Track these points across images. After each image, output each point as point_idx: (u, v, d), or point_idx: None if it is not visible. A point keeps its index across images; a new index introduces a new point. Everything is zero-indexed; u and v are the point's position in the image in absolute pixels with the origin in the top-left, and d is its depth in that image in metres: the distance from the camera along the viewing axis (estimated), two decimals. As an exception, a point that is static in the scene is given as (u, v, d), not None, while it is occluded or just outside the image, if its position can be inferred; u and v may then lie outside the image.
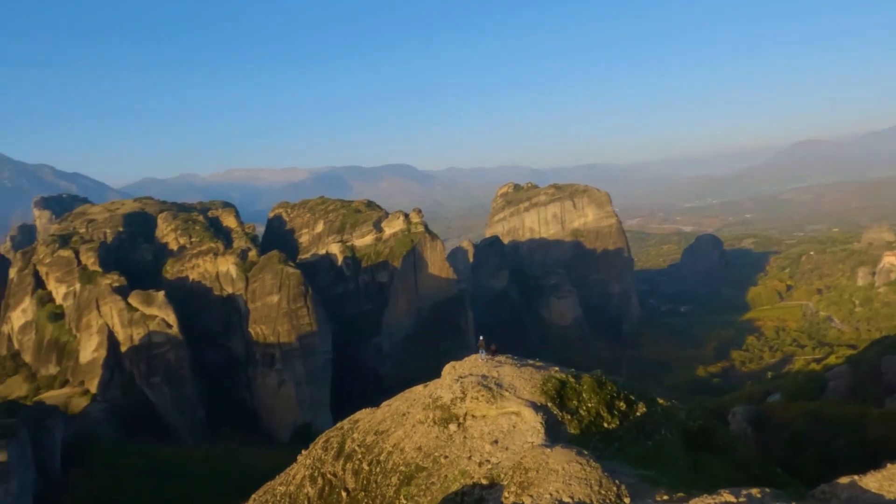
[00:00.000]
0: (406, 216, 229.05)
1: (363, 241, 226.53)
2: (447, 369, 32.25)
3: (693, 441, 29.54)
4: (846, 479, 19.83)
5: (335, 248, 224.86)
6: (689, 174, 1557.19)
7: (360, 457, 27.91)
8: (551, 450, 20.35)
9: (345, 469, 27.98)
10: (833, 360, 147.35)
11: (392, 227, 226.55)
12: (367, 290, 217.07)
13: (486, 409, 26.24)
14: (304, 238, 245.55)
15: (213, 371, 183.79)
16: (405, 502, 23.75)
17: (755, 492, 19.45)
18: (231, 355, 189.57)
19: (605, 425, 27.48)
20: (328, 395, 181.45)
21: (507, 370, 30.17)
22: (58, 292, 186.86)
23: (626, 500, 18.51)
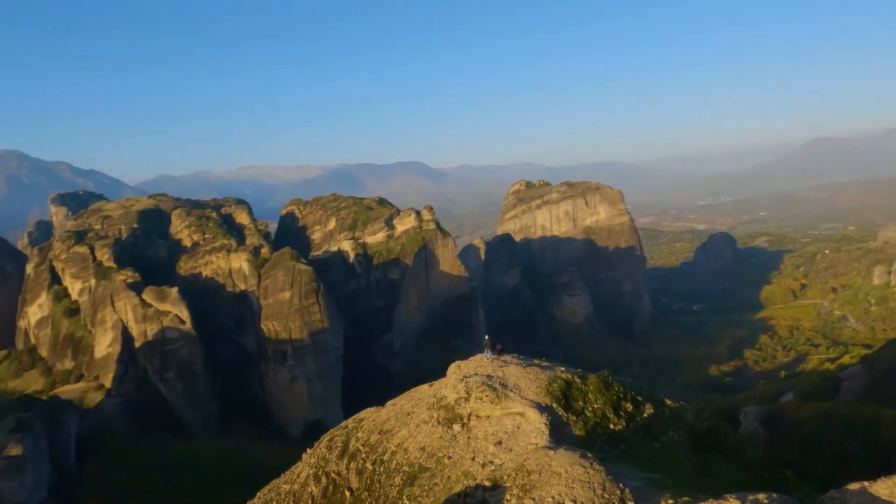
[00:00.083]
0: (418, 213, 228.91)
1: (375, 238, 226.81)
2: (452, 369, 32.05)
3: (701, 443, 29.19)
4: (856, 486, 19.46)
5: (347, 245, 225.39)
6: (703, 172, 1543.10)
7: (364, 456, 27.79)
8: (554, 452, 20.15)
9: (349, 468, 27.86)
10: (847, 359, 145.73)
11: (404, 224, 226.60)
12: (378, 287, 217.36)
13: (490, 410, 26.02)
14: (316, 235, 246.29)
15: (226, 367, 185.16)
16: (408, 503, 23.63)
17: (762, 497, 19.15)
18: (243, 351, 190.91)
19: (612, 427, 27.15)
20: (339, 391, 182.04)
21: (512, 370, 29.94)
22: (73, 288, 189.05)
23: (630, 504, 18.30)
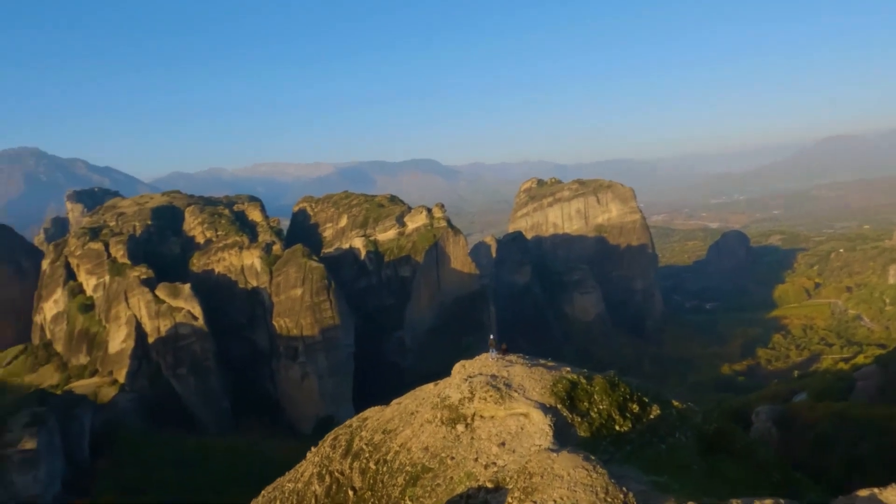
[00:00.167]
0: (429, 211, 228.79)
1: (386, 235, 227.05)
2: (457, 368, 31.79)
3: (709, 445, 28.77)
4: (866, 492, 19.08)
5: (358, 243, 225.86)
6: (716, 170, 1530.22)
7: (368, 455, 27.66)
8: (557, 454, 19.90)
9: (352, 468, 27.73)
10: (862, 359, 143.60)
11: (415, 221, 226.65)
12: (389, 284, 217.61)
13: (494, 410, 25.75)
14: (327, 232, 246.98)
15: (238, 363, 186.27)
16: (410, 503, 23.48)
17: (769, 502, 18.82)
18: (255, 348, 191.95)
19: (617, 428, 26.80)
20: (350, 388, 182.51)
21: (517, 370, 29.66)
22: (88, 284, 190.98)
23: (633, 508, 18.02)
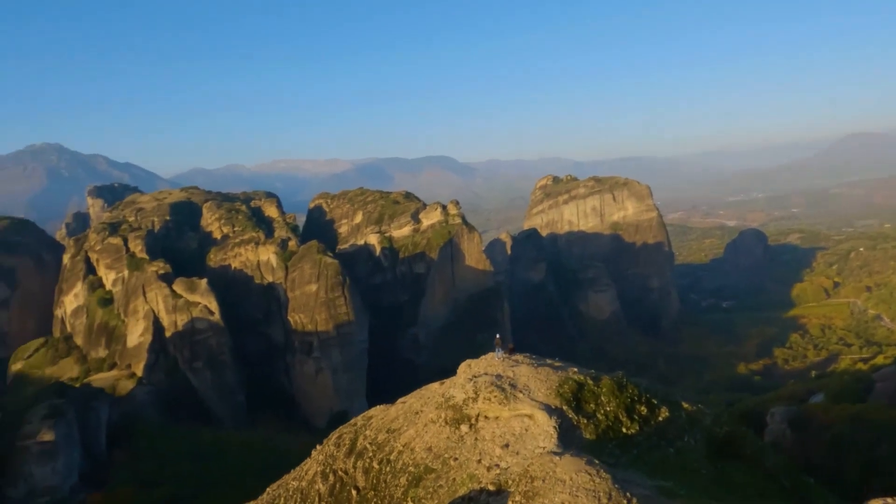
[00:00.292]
0: (443, 208, 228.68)
1: (401, 231, 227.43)
2: (462, 367, 31.51)
3: (718, 449, 28.23)
4: (878, 502, 18.72)
5: (373, 239, 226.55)
6: (734, 168, 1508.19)
7: (371, 455, 27.52)
8: (560, 458, 19.66)
9: (355, 467, 27.61)
10: (881, 360, 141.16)
11: (429, 218, 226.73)
12: (404, 280, 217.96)
13: (498, 411, 25.46)
14: (343, 228, 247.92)
15: (254, 357, 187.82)
16: (412, 504, 23.31)
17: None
18: (271, 342, 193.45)
19: (624, 431, 26.37)
20: (364, 383, 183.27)
21: (523, 370, 29.30)
22: (107, 278, 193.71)
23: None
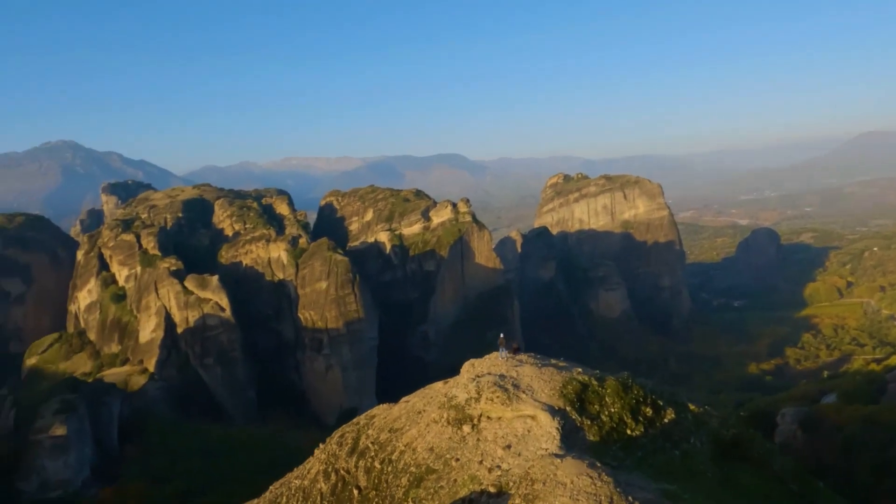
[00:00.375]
0: (454, 206, 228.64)
1: (411, 229, 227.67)
2: (466, 367, 31.33)
3: (725, 451, 27.87)
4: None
5: (384, 237, 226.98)
6: (747, 166, 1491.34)
7: (373, 454, 27.47)
8: (561, 460, 19.49)
9: (357, 466, 27.57)
10: (894, 360, 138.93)
11: (440, 216, 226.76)
12: (414, 278, 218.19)
13: (501, 411, 25.27)
14: (353, 226, 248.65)
15: (264, 354, 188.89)
16: (412, 505, 23.19)
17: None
18: (281, 339, 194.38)
19: (629, 432, 26.03)
20: (374, 380, 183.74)
21: (526, 370, 29.06)
22: (120, 274, 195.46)
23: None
